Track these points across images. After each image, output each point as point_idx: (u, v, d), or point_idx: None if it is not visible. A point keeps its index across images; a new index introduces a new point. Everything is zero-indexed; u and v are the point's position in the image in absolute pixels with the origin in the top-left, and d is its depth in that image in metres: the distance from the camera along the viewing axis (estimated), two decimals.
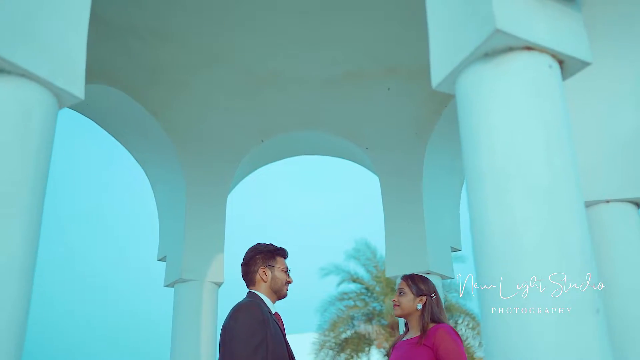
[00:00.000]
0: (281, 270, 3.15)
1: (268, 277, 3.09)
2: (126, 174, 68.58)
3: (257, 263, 3.16)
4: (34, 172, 2.00)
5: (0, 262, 1.83)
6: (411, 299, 3.18)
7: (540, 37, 1.91)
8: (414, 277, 3.26)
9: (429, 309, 3.12)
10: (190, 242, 4.84)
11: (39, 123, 2.02)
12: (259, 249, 3.23)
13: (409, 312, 3.20)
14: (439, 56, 2.09)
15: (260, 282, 3.10)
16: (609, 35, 3.45)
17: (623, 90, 3.38)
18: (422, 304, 3.15)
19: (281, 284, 3.12)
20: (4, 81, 1.95)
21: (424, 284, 3.23)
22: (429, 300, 3.15)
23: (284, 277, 3.13)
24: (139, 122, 4.87)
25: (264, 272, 3.11)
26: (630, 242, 3.19)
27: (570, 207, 1.78)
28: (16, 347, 1.82)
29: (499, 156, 1.83)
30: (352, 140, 5.25)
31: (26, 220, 1.93)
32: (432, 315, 3.12)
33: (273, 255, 3.19)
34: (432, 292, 3.22)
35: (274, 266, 3.13)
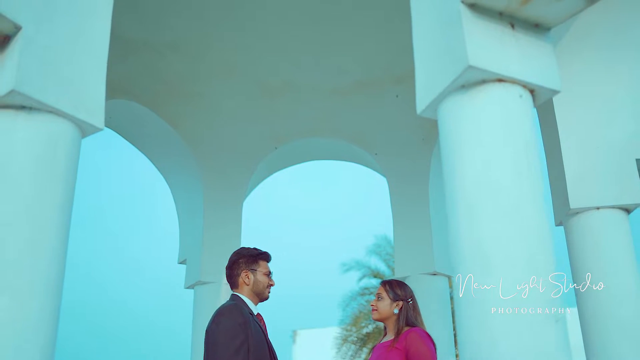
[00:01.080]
0: (263, 273, 3.23)
1: (250, 281, 3.17)
2: (138, 179, 69.17)
3: (240, 267, 3.24)
4: (62, 195, 2.27)
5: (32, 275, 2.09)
6: (388, 303, 3.26)
7: (511, 69, 2.11)
8: (392, 283, 3.35)
9: (405, 313, 3.21)
10: (208, 246, 5.09)
11: (64, 152, 2.28)
12: (242, 253, 3.31)
13: (386, 316, 3.28)
14: (422, 86, 2.30)
15: (243, 285, 3.18)
16: (605, 43, 3.60)
17: (618, 99, 3.53)
18: (399, 308, 3.23)
19: (263, 287, 3.21)
20: (34, 117, 2.21)
21: (401, 289, 3.30)
22: (405, 305, 3.24)
23: (266, 281, 3.22)
24: (159, 133, 5.14)
25: (246, 275, 3.19)
26: (621, 247, 3.34)
27: (536, 226, 1.97)
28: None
29: (470, 179, 2.04)
30: (361, 146, 5.46)
31: (54, 239, 2.19)
32: (408, 319, 3.21)
33: (256, 259, 3.27)
34: (408, 298, 3.29)
35: (256, 270, 3.22)
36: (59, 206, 2.24)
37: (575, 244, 3.43)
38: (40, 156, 2.20)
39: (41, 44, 2.25)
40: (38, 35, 2.24)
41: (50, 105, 2.21)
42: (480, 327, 1.89)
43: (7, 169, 2.16)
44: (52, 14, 2.31)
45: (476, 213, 1.99)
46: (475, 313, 1.92)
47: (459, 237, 2.02)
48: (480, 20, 2.11)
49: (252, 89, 5.32)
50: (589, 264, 3.34)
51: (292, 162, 5.86)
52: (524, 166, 2.03)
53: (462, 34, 2.07)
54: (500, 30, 2.15)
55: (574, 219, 3.44)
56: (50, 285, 2.16)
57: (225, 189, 5.34)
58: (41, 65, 2.22)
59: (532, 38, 2.21)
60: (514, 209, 1.97)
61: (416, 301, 3.27)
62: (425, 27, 2.30)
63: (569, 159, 3.48)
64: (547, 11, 2.15)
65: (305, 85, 5.38)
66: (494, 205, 1.98)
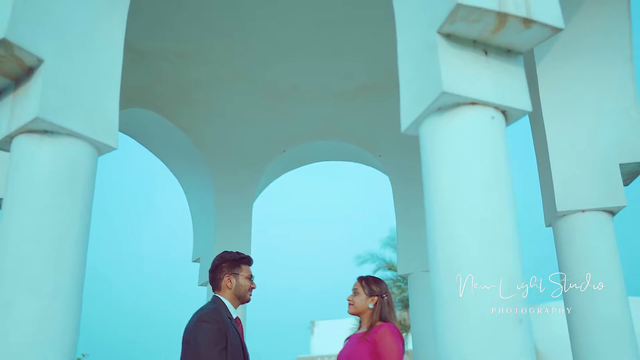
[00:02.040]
0: (245, 277, 3.34)
1: (233, 285, 3.28)
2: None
3: (223, 271, 3.33)
4: (81, 208, 2.53)
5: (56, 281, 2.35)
6: (364, 298, 3.40)
7: (483, 93, 2.31)
8: (368, 279, 3.49)
9: (379, 308, 3.36)
10: (220, 245, 5.36)
11: (83, 170, 2.54)
12: (225, 257, 3.41)
13: (361, 311, 3.42)
14: (405, 107, 2.51)
15: (225, 288, 3.29)
16: (591, 55, 3.78)
17: (603, 107, 3.71)
18: (374, 303, 3.38)
19: (244, 291, 3.32)
20: (56, 140, 2.47)
21: (376, 285, 3.44)
22: (379, 300, 3.38)
23: (247, 284, 3.33)
24: (172, 138, 5.42)
25: (228, 279, 3.29)
26: (606, 248, 3.53)
27: (503, 235, 2.18)
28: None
29: (446, 193, 2.25)
30: (366, 148, 5.69)
31: (75, 248, 2.46)
32: (381, 314, 3.35)
33: (238, 263, 3.36)
34: (383, 293, 3.43)
35: (238, 274, 3.32)
36: (79, 218, 2.51)
37: (563, 245, 3.63)
38: (62, 175, 2.46)
39: (61, 74, 2.50)
40: (58, 66, 2.49)
41: (70, 129, 2.47)
42: (450, 327, 2.11)
43: (33, 187, 2.42)
44: (70, 47, 2.56)
45: (450, 223, 2.21)
46: (447, 314, 2.14)
47: (435, 244, 2.24)
48: (455, 49, 2.32)
49: (260, 94, 5.56)
50: (575, 264, 3.54)
51: (300, 163, 6.11)
52: (493, 181, 2.24)
53: (438, 62, 2.28)
54: (474, 57, 2.35)
55: (561, 221, 3.63)
56: (72, 289, 2.43)
57: (236, 190, 5.60)
58: (61, 93, 2.48)
59: (504, 63, 2.40)
60: (483, 220, 2.18)
61: (391, 297, 3.44)
62: (408, 53, 2.51)
63: (557, 164, 3.67)
64: (517, 39, 2.35)
65: (312, 89, 5.61)
66: (466, 216, 2.19)
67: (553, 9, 2.32)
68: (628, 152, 3.60)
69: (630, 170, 3.67)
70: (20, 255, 2.30)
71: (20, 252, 2.31)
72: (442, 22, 2.26)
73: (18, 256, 2.30)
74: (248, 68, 5.39)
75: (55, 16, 2.53)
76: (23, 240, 2.34)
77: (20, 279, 2.27)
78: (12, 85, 2.55)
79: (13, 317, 2.23)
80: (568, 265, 3.58)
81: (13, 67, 2.45)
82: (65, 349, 2.36)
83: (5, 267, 2.29)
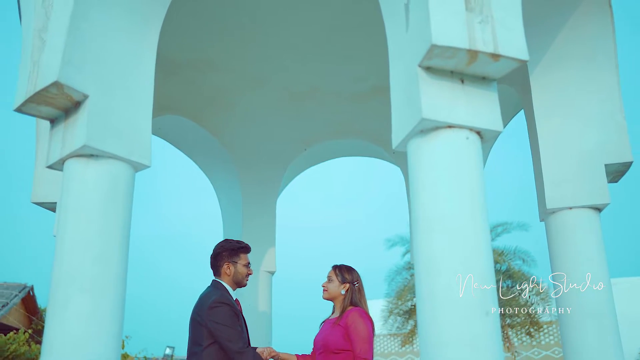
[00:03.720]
0: (243, 265, 3.65)
1: (231, 271, 3.60)
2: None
3: (223, 258, 3.64)
4: (123, 218, 3.01)
5: (103, 280, 2.84)
6: (337, 285, 3.68)
7: (458, 117, 2.69)
8: (342, 268, 3.76)
9: (350, 294, 3.65)
10: (247, 238, 5.83)
11: (123, 186, 3.02)
12: (225, 246, 3.70)
13: (334, 296, 3.71)
14: (395, 128, 2.90)
15: (224, 274, 3.60)
16: (581, 59, 4.07)
17: (590, 112, 4.01)
18: (346, 290, 3.66)
19: (242, 277, 3.64)
20: (100, 162, 2.94)
21: (349, 273, 3.73)
22: (351, 287, 3.67)
23: (245, 271, 3.65)
24: (202, 141, 5.89)
25: (227, 267, 3.61)
26: (592, 242, 3.85)
27: (474, 242, 2.57)
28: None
29: (426, 206, 2.65)
30: (380, 145, 6.06)
31: (119, 252, 2.94)
32: (352, 300, 3.64)
33: (237, 252, 3.67)
34: (355, 281, 3.71)
35: (237, 262, 3.63)
36: (121, 227, 2.99)
37: (553, 240, 3.97)
38: (106, 191, 2.94)
39: (102, 105, 2.97)
40: (100, 99, 2.96)
41: (111, 152, 2.94)
42: (430, 319, 2.52)
43: (83, 201, 2.91)
44: (109, 82, 3.02)
45: (429, 229, 2.61)
46: (427, 308, 2.55)
47: (417, 248, 2.64)
48: (434, 79, 2.69)
49: (281, 97, 5.97)
50: (564, 256, 3.88)
51: (319, 160, 6.53)
52: (467, 194, 2.62)
53: (419, 92, 2.66)
54: (451, 85, 2.72)
55: (551, 218, 3.97)
56: (117, 287, 2.92)
57: (261, 187, 6.06)
58: (103, 122, 2.95)
59: (479, 89, 2.77)
60: (457, 226, 2.58)
61: (362, 285, 3.72)
62: (397, 82, 2.90)
63: (547, 164, 4.00)
64: (488, 69, 2.71)
65: (329, 91, 5.98)
66: (442, 225, 2.59)
67: (518, 44, 2.67)
68: (613, 153, 3.90)
69: (616, 170, 3.97)
70: (74, 261, 2.80)
71: (74, 258, 2.81)
72: (421, 58, 2.64)
73: (72, 261, 2.80)
74: (269, 73, 5.79)
75: (97, 57, 2.99)
76: (75, 247, 2.83)
77: (75, 280, 2.77)
78: (63, 115, 3.03)
79: (70, 311, 2.73)
80: (558, 258, 3.92)
81: (63, 102, 2.93)
82: (113, 336, 2.85)
83: (62, 271, 2.79)
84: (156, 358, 13.91)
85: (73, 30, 2.89)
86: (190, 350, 3.45)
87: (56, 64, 2.80)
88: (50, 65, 2.84)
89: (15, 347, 10.49)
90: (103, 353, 2.78)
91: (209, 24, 5.22)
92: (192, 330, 3.46)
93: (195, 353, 3.38)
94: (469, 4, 2.71)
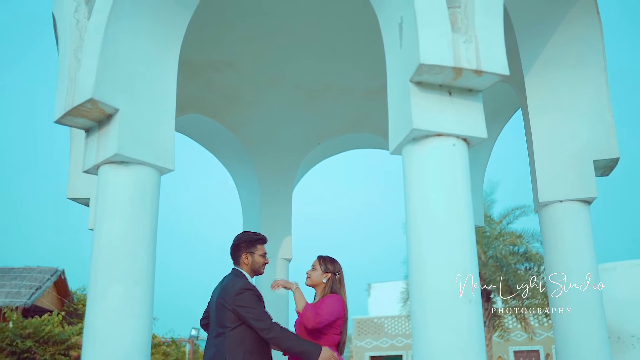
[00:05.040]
0: (260, 255, 3.94)
1: (249, 261, 3.89)
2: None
3: (242, 249, 3.92)
4: (151, 216, 3.40)
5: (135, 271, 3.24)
6: (319, 274, 3.97)
7: (446, 126, 3.01)
8: (326, 259, 4.04)
9: (331, 283, 3.94)
10: (264, 227, 6.23)
11: (150, 188, 3.41)
12: (243, 238, 4.00)
13: (316, 284, 3.99)
14: (391, 135, 3.23)
15: (243, 263, 3.90)
16: (573, 61, 4.34)
17: (580, 111, 4.29)
18: (327, 279, 3.94)
19: (259, 266, 3.94)
20: (129, 168, 3.33)
21: (331, 264, 4.02)
22: (332, 277, 3.95)
23: (261, 261, 3.95)
24: (222, 137, 6.28)
25: (246, 257, 3.90)
26: (580, 233, 4.15)
27: (458, 240, 2.90)
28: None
29: (417, 207, 2.99)
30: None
31: (148, 246, 3.33)
32: (332, 288, 3.92)
33: (254, 243, 3.96)
34: (336, 272, 3.99)
35: (254, 252, 3.92)
36: (149, 224, 3.38)
37: (545, 230, 4.28)
38: (135, 193, 3.34)
39: (131, 117, 3.35)
40: (129, 112, 3.34)
41: (139, 159, 3.33)
42: (419, 307, 2.88)
43: (116, 203, 3.31)
44: (137, 95, 3.40)
45: (419, 228, 2.96)
46: (416, 296, 2.90)
47: (410, 243, 2.99)
48: (424, 93, 3.02)
49: (296, 94, 6.30)
50: (554, 246, 4.19)
51: (332, 153, 6.89)
52: (453, 195, 2.96)
53: (410, 105, 2.99)
54: (440, 98, 3.04)
55: (544, 210, 4.27)
56: (146, 278, 3.32)
57: (277, 178, 6.44)
58: (132, 132, 3.33)
59: (465, 100, 3.08)
60: (444, 225, 2.92)
61: (342, 276, 4.03)
62: (393, 94, 3.23)
63: (540, 160, 4.29)
64: (473, 82, 3.02)
65: (341, 88, 6.30)
66: (431, 222, 2.93)
67: (499, 60, 2.98)
68: (601, 150, 4.17)
69: (605, 165, 4.23)
70: (109, 255, 3.21)
71: (109, 253, 3.22)
72: (412, 74, 2.96)
73: (108, 255, 3.21)
74: (285, 72, 6.12)
75: (125, 74, 3.37)
76: (110, 243, 3.24)
77: (111, 272, 3.18)
78: (96, 126, 3.43)
79: (108, 299, 3.14)
80: (550, 247, 4.23)
81: (97, 115, 3.32)
82: (144, 319, 3.26)
83: (100, 264, 3.21)
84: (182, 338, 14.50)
85: (105, 52, 3.27)
86: (215, 331, 3.79)
87: (91, 83, 3.19)
88: (85, 83, 3.22)
89: (50, 328, 11.04)
90: (136, 334, 3.20)
91: (227, 27, 5.56)
92: (217, 314, 3.80)
93: (222, 333, 3.72)
94: (455, 25, 3.03)
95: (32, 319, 11.19)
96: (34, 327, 10.73)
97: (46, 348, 10.68)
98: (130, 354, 3.15)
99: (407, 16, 3.05)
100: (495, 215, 18.98)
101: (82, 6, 3.60)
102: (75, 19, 3.56)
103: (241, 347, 3.65)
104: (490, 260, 18.19)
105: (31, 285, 16.33)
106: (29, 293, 15.87)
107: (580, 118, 4.25)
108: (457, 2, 3.11)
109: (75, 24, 3.52)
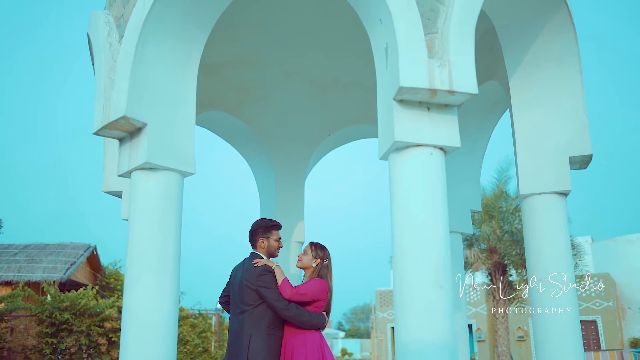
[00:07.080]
0: (275, 239, 4.30)
1: (265, 245, 4.25)
2: None
3: (258, 234, 4.27)
4: (176, 215, 3.99)
5: (164, 262, 3.85)
6: (310, 258, 4.29)
7: (424, 138, 3.52)
8: (317, 245, 4.36)
9: (319, 268, 4.26)
10: (279, 212, 6.81)
11: (175, 191, 4.00)
12: (259, 224, 4.34)
13: (306, 267, 4.31)
14: (379, 143, 3.75)
15: (259, 247, 4.26)
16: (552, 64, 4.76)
17: (558, 110, 4.73)
18: (316, 264, 4.26)
19: (274, 250, 4.30)
20: (157, 173, 3.92)
21: (321, 251, 4.33)
22: (321, 263, 4.27)
23: (276, 245, 4.31)
24: (240, 130, 6.84)
25: (262, 241, 4.26)
26: (557, 225, 4.63)
27: (434, 238, 3.43)
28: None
29: (399, 206, 3.52)
30: None
31: (174, 240, 3.94)
32: (320, 273, 4.25)
33: (270, 229, 4.31)
34: (325, 258, 4.31)
35: (270, 237, 4.27)
36: (175, 222, 3.98)
37: (526, 220, 4.78)
38: (163, 195, 3.93)
39: (158, 129, 3.93)
40: (156, 125, 3.91)
41: (165, 165, 3.91)
42: (399, 295, 3.43)
43: (146, 204, 3.91)
44: (163, 110, 3.97)
45: (401, 227, 3.49)
46: (397, 283, 3.46)
47: (393, 239, 3.54)
48: (405, 109, 3.52)
49: (307, 88, 6.80)
50: (533, 234, 4.69)
51: (342, 142, 7.42)
52: (429, 199, 3.48)
53: (392, 119, 3.50)
54: (419, 113, 3.55)
55: (524, 201, 4.77)
56: (173, 267, 3.92)
57: (291, 167, 7.00)
58: (159, 142, 3.91)
59: (441, 114, 3.58)
60: (421, 224, 3.45)
61: (330, 262, 4.38)
62: (381, 108, 3.74)
63: (521, 155, 4.77)
64: (447, 99, 3.52)
65: (350, 82, 6.78)
66: (409, 222, 3.47)
67: (470, 81, 3.47)
68: (577, 147, 4.62)
69: (580, 160, 4.69)
70: (142, 248, 3.82)
71: (142, 246, 3.83)
72: (394, 93, 3.47)
73: (140, 249, 3.83)
74: (296, 67, 6.61)
75: (152, 92, 3.94)
76: (143, 238, 3.85)
77: (143, 262, 3.80)
78: (128, 136, 4.01)
79: (140, 286, 3.77)
80: (529, 235, 4.72)
81: (129, 127, 3.91)
82: (172, 301, 3.88)
83: (134, 255, 3.83)
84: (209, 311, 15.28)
85: (134, 73, 3.84)
86: (239, 308, 4.21)
87: (123, 102, 3.77)
88: (118, 102, 3.80)
89: (85, 301, 11.73)
90: (165, 313, 3.82)
91: (243, 27, 6.05)
92: (240, 292, 4.20)
93: (246, 310, 4.16)
94: (432, 49, 3.52)
95: (68, 292, 11.90)
96: (71, 301, 11.45)
97: (82, 320, 11.42)
98: (159, 324, 3.76)
99: (391, 43, 3.55)
100: (511, 191, 19.29)
101: (113, 30, 4.17)
102: (108, 42, 4.12)
103: (263, 322, 4.11)
104: (505, 235, 18.58)
105: (66, 260, 17.24)
106: (64, 268, 16.77)
107: (558, 116, 4.70)
108: (434, 29, 3.60)
109: (109, 47, 4.09)
